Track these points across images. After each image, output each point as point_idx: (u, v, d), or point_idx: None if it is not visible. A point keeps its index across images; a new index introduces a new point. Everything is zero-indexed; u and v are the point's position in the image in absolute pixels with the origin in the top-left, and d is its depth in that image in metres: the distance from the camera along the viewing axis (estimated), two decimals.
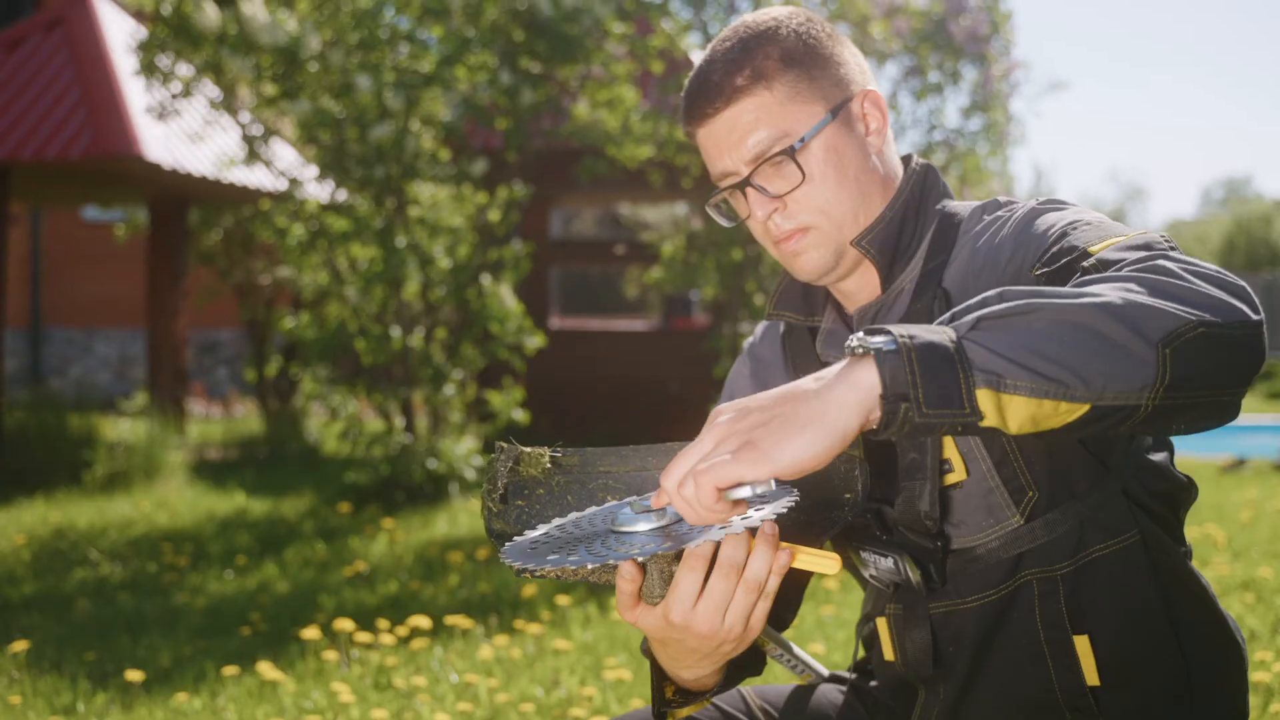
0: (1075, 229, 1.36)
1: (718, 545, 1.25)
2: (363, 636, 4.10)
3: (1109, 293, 1.13)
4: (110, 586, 5.47)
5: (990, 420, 1.12)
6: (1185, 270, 1.17)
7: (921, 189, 1.58)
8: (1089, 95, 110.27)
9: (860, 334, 1.15)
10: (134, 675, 3.78)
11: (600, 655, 4.11)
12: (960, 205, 1.58)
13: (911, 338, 1.12)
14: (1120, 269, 1.21)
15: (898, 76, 9.39)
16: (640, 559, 1.24)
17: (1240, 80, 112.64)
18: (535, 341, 7.96)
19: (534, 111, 7.80)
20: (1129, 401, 1.12)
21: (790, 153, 1.50)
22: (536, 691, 3.71)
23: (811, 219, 1.53)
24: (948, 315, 1.18)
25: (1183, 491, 1.54)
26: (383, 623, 4.40)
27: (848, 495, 1.38)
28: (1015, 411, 1.12)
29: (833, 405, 1.13)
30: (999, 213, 1.51)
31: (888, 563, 1.53)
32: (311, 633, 4.09)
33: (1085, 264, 1.27)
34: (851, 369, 1.14)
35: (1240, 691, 1.54)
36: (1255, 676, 3.41)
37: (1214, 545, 5.58)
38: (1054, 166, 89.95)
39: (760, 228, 1.56)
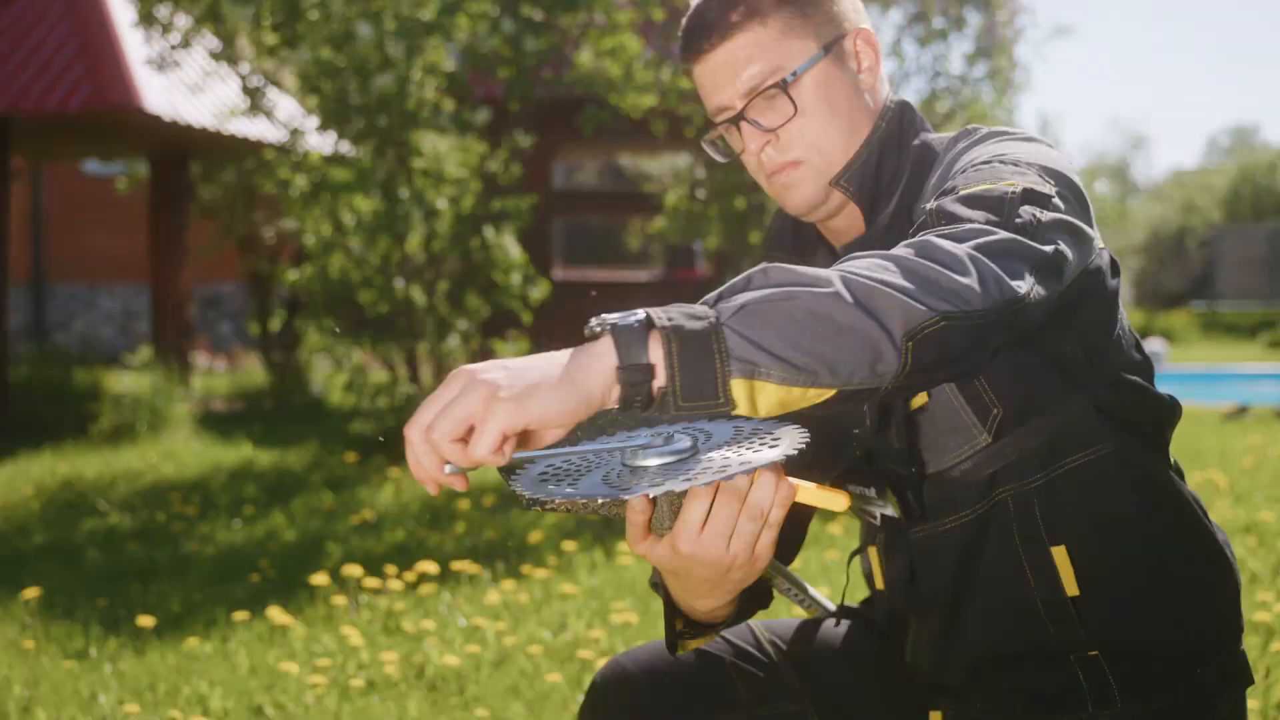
0: (976, 169, 1.40)
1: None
2: (371, 582, 4.14)
3: (865, 276, 1.18)
4: (120, 536, 5.51)
5: (741, 408, 1.16)
6: (959, 250, 1.21)
7: (898, 125, 1.60)
8: (1095, 41, 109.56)
9: (605, 316, 1.19)
10: (145, 621, 3.81)
11: (607, 599, 4.15)
12: (938, 137, 1.61)
13: (674, 326, 1.14)
14: (915, 237, 1.25)
15: (901, 22, 9.33)
16: (651, 494, 1.25)
17: (1248, 29, 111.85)
18: (540, 291, 7.96)
19: (536, 60, 7.76)
20: (873, 385, 1.18)
21: (783, 86, 1.53)
22: (544, 634, 3.75)
23: (803, 153, 1.56)
24: (714, 295, 1.20)
25: (1164, 410, 1.55)
26: (390, 569, 4.44)
27: (855, 430, 1.40)
28: (765, 398, 1.16)
29: (577, 370, 1.15)
30: (961, 143, 1.55)
31: (872, 493, 1.56)
32: (320, 579, 4.12)
33: (927, 208, 1.34)
34: (591, 344, 1.18)
35: (1230, 605, 1.55)
36: (1256, 617, 3.44)
37: (1216, 490, 5.61)
38: (1060, 115, 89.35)
39: (754, 161, 1.59)
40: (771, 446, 1.29)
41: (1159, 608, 1.50)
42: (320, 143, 8.32)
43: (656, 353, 1.15)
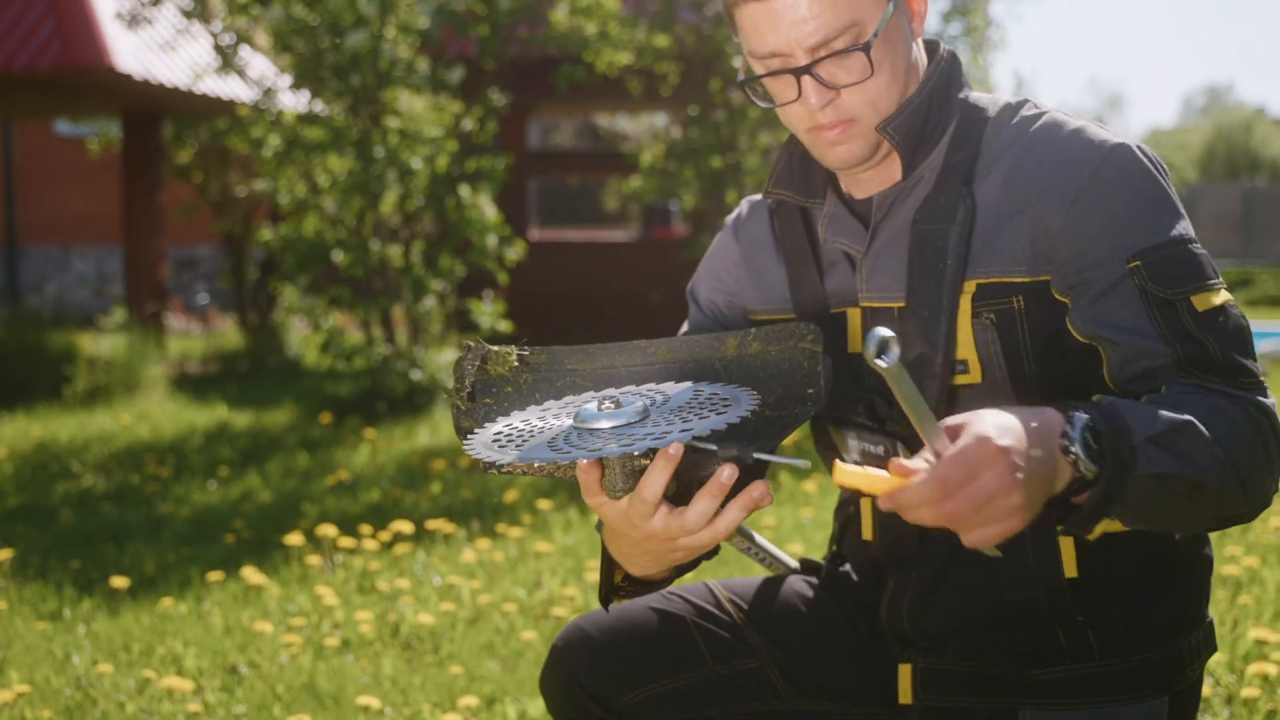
0: (1178, 256, 1.40)
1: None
2: (346, 542, 4.14)
3: (1245, 463, 1.33)
4: (94, 498, 5.49)
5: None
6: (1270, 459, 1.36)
7: (947, 79, 1.55)
8: (1070, 0, 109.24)
9: (1078, 438, 1.26)
10: (119, 582, 3.81)
11: (582, 558, 4.16)
12: (984, 98, 1.56)
13: (1122, 471, 1.26)
14: (1226, 390, 1.36)
15: None
16: (586, 460, 1.26)
17: None
18: (516, 252, 7.94)
19: (511, 18, 7.70)
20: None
21: (866, 49, 1.42)
22: (519, 592, 3.76)
23: (860, 111, 1.47)
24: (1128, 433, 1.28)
25: None
26: (365, 529, 4.44)
27: (810, 390, 1.40)
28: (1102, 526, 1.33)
29: (1040, 489, 1.25)
30: (1030, 127, 1.49)
31: (878, 450, 1.55)
32: (295, 539, 4.12)
33: (1190, 317, 1.39)
34: (1063, 470, 1.26)
35: (1208, 580, 1.58)
36: (1225, 570, 3.48)
37: None
38: (1035, 75, 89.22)
39: (805, 114, 1.49)
40: (720, 413, 1.30)
41: (1150, 589, 1.52)
42: (294, 102, 8.25)
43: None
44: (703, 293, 1.74)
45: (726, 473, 1.27)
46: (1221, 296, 1.39)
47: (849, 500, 1.70)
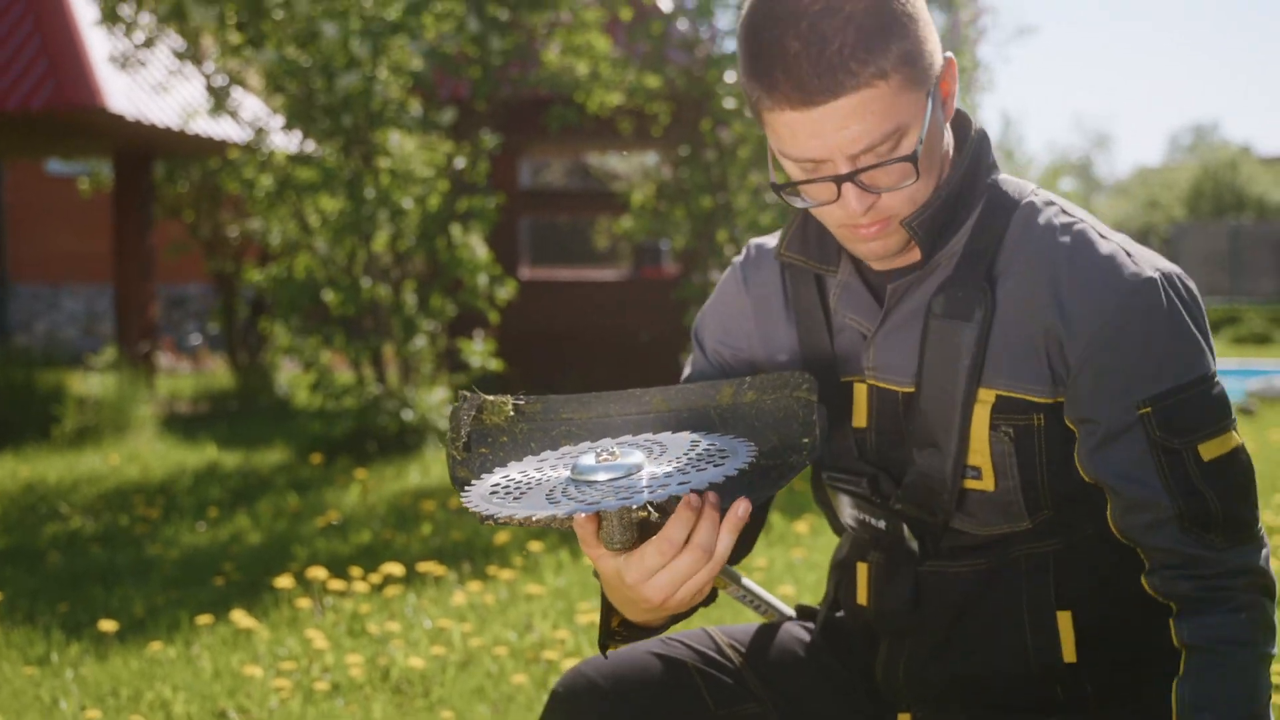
0: (1193, 403, 1.41)
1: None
2: (336, 584, 4.12)
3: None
4: (82, 539, 5.46)
5: None
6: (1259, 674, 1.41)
7: (975, 163, 1.50)
8: (1057, 40, 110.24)
9: None
10: (108, 625, 3.79)
11: (573, 600, 4.15)
12: (1011, 183, 1.52)
13: None
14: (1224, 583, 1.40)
15: None
16: (584, 514, 1.27)
17: (1208, 26, 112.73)
18: (507, 291, 7.95)
19: (503, 59, 7.74)
20: None
21: (913, 158, 1.38)
22: (510, 635, 3.74)
23: (899, 210, 1.43)
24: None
25: None
26: (356, 571, 4.42)
27: (805, 440, 1.40)
28: None
29: None
30: (1060, 238, 1.45)
31: (879, 524, 1.56)
32: (285, 581, 4.10)
33: (1196, 466, 1.40)
34: None
35: None
36: None
37: None
38: (1022, 115, 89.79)
39: (843, 215, 1.44)
40: (717, 465, 1.30)
41: (1152, 669, 1.50)
42: (285, 142, 8.27)
43: None
44: (709, 341, 1.69)
45: (742, 508, 1.30)
46: (1231, 442, 1.40)
47: (847, 561, 1.68)
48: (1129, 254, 1.44)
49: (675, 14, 8.14)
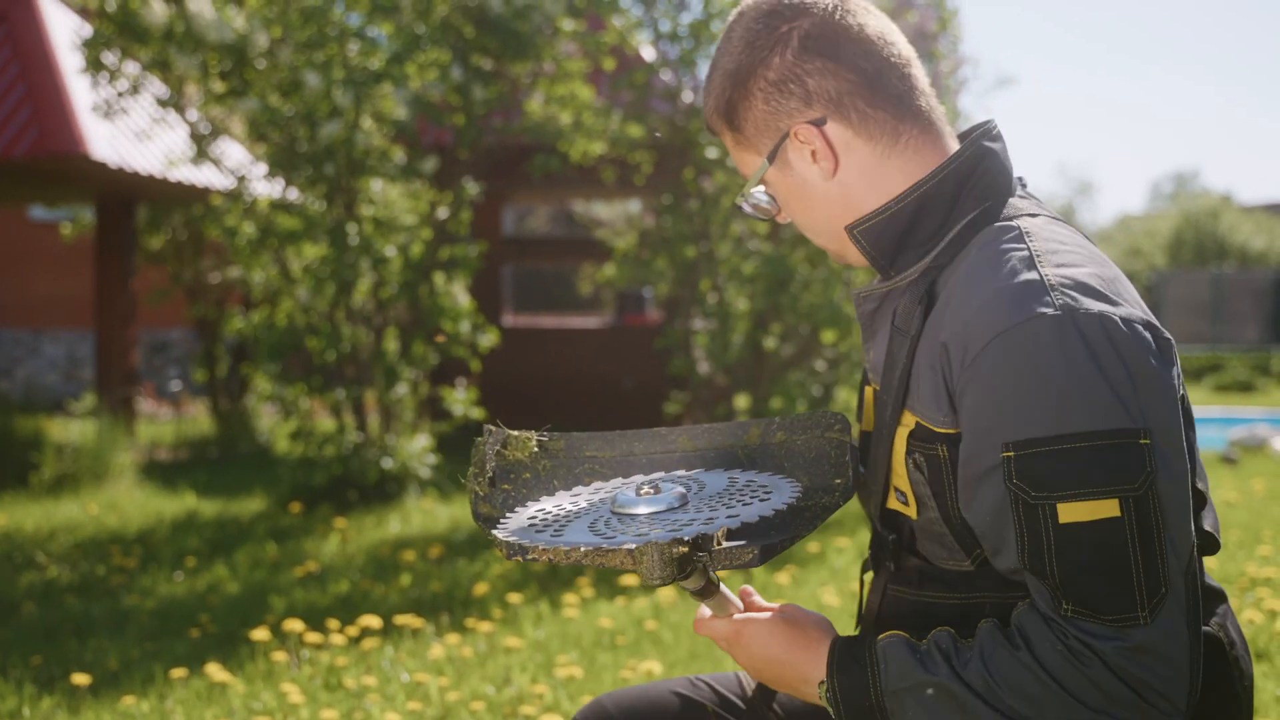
0: (1028, 460, 1.30)
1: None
2: (313, 637, 4.08)
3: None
4: (58, 589, 5.41)
5: None
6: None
7: (954, 184, 1.46)
8: (1037, 91, 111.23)
9: (832, 684, 1.42)
10: (81, 679, 3.74)
11: (552, 653, 4.11)
12: (1015, 207, 1.47)
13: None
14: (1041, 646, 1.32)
15: None
16: (632, 546, 1.23)
17: (1188, 75, 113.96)
18: (489, 339, 7.94)
19: (486, 108, 7.77)
20: None
21: (740, 210, 1.63)
22: (488, 689, 3.70)
23: (812, 237, 1.59)
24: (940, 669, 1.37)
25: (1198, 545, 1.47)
26: (333, 623, 4.38)
27: (838, 480, 1.39)
28: None
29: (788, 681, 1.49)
30: (973, 257, 1.41)
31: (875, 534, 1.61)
32: (261, 634, 4.06)
33: (1051, 528, 1.30)
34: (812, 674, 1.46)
35: (1232, 697, 1.46)
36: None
37: None
38: None
39: None
40: (763, 500, 1.29)
41: None
42: (268, 189, 8.28)
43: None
44: None
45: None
46: (1102, 511, 1.26)
47: (862, 569, 1.68)
48: (1050, 288, 1.31)
49: (658, 64, 8.19)
